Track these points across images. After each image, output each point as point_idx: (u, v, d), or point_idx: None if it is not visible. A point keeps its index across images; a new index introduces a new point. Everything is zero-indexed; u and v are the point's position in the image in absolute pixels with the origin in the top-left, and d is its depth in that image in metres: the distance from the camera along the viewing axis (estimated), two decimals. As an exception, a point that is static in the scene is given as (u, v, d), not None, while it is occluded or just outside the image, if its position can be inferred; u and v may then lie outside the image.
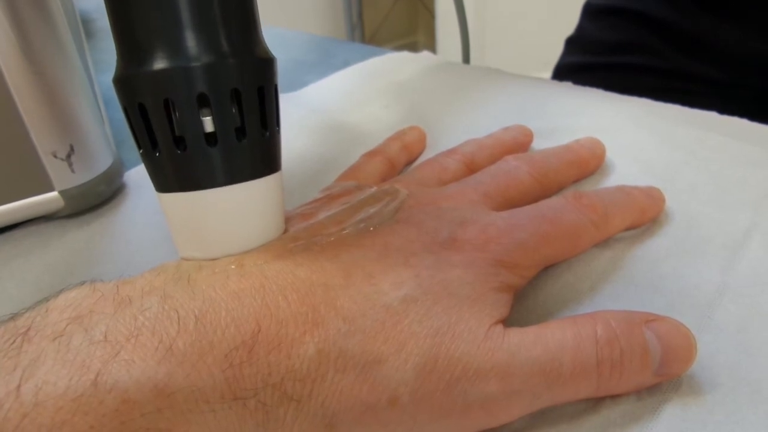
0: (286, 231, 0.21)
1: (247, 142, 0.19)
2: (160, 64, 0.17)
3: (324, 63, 0.51)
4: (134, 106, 0.18)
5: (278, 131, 0.20)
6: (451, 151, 0.29)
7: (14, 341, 0.15)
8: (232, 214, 0.19)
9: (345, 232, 0.20)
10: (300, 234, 0.20)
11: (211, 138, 0.18)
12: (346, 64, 0.48)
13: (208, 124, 0.18)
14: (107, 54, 0.18)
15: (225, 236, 0.19)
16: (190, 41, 0.17)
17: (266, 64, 0.19)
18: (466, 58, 0.50)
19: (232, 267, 0.18)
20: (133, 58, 0.18)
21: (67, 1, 0.30)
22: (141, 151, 0.19)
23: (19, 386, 0.14)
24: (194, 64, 0.17)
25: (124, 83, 0.18)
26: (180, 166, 0.18)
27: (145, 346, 0.15)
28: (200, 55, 0.17)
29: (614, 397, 0.19)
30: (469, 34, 0.49)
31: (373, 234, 0.21)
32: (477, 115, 0.38)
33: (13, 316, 0.16)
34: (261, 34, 0.19)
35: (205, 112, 0.18)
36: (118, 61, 0.18)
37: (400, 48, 0.51)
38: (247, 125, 0.19)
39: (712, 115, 0.34)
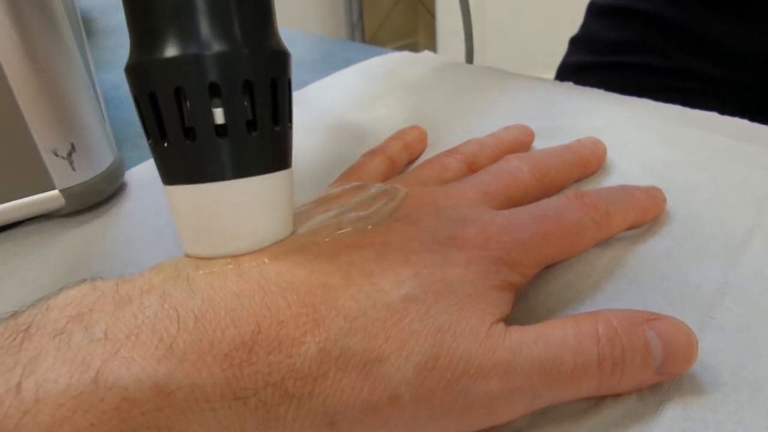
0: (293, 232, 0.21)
1: (258, 136, 0.18)
2: (171, 51, 0.17)
3: (324, 63, 0.51)
4: (145, 95, 0.18)
5: (290, 127, 0.20)
6: (452, 151, 0.29)
7: (15, 338, 0.15)
8: (240, 209, 0.19)
9: (343, 231, 0.20)
10: (299, 235, 0.20)
11: (221, 130, 0.18)
12: (346, 63, 0.48)
13: (219, 115, 0.18)
14: (108, 53, 0.18)
15: (230, 233, 0.19)
16: (203, 29, 0.17)
17: (280, 56, 0.19)
18: (470, 58, 0.50)
19: (230, 267, 0.18)
20: (144, 46, 0.17)
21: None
22: (150, 141, 0.19)
23: (19, 383, 0.14)
24: (207, 52, 0.17)
25: (135, 71, 0.18)
26: (188, 158, 0.18)
27: (146, 344, 0.15)
28: (213, 44, 0.17)
29: (615, 396, 0.19)
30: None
31: (372, 233, 0.20)
32: (478, 114, 0.38)
33: (14, 314, 0.16)
34: (276, 27, 0.19)
35: (216, 103, 0.18)
36: (130, 49, 0.18)
37: (400, 49, 0.51)
38: (259, 118, 0.18)
39: (713, 116, 0.34)
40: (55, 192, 0.29)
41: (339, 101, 0.41)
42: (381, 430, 0.17)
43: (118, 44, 0.54)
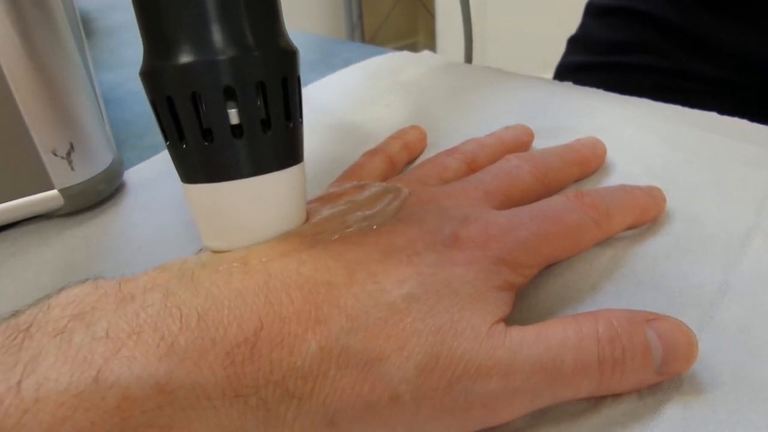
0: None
1: (272, 134, 0.19)
2: (187, 57, 0.18)
3: (324, 62, 0.51)
4: (162, 99, 0.18)
5: (301, 122, 0.20)
6: (452, 150, 0.29)
7: (15, 337, 0.15)
8: (257, 204, 0.19)
9: (348, 230, 0.20)
10: (305, 231, 0.20)
11: (237, 130, 0.18)
12: (346, 63, 0.48)
13: (234, 116, 0.18)
14: (107, 53, 0.18)
15: (249, 226, 0.20)
16: (217, 35, 0.18)
17: (290, 55, 0.19)
18: (469, 58, 0.50)
19: (236, 265, 0.18)
20: (160, 52, 0.18)
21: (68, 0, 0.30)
22: (168, 143, 0.19)
23: (20, 382, 0.14)
24: (221, 57, 0.18)
25: (151, 77, 0.18)
26: (206, 158, 0.19)
27: (147, 342, 0.15)
28: (226, 49, 0.18)
29: (615, 396, 0.19)
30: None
31: (377, 233, 0.21)
32: (478, 114, 0.38)
33: (15, 313, 0.16)
34: (284, 26, 0.20)
35: (230, 105, 0.18)
36: (144, 54, 0.19)
37: (400, 49, 0.51)
38: (272, 117, 0.19)
39: (712, 116, 0.34)
40: (54, 192, 0.29)
41: (339, 101, 0.41)
42: (381, 429, 0.17)
43: (118, 44, 0.54)
